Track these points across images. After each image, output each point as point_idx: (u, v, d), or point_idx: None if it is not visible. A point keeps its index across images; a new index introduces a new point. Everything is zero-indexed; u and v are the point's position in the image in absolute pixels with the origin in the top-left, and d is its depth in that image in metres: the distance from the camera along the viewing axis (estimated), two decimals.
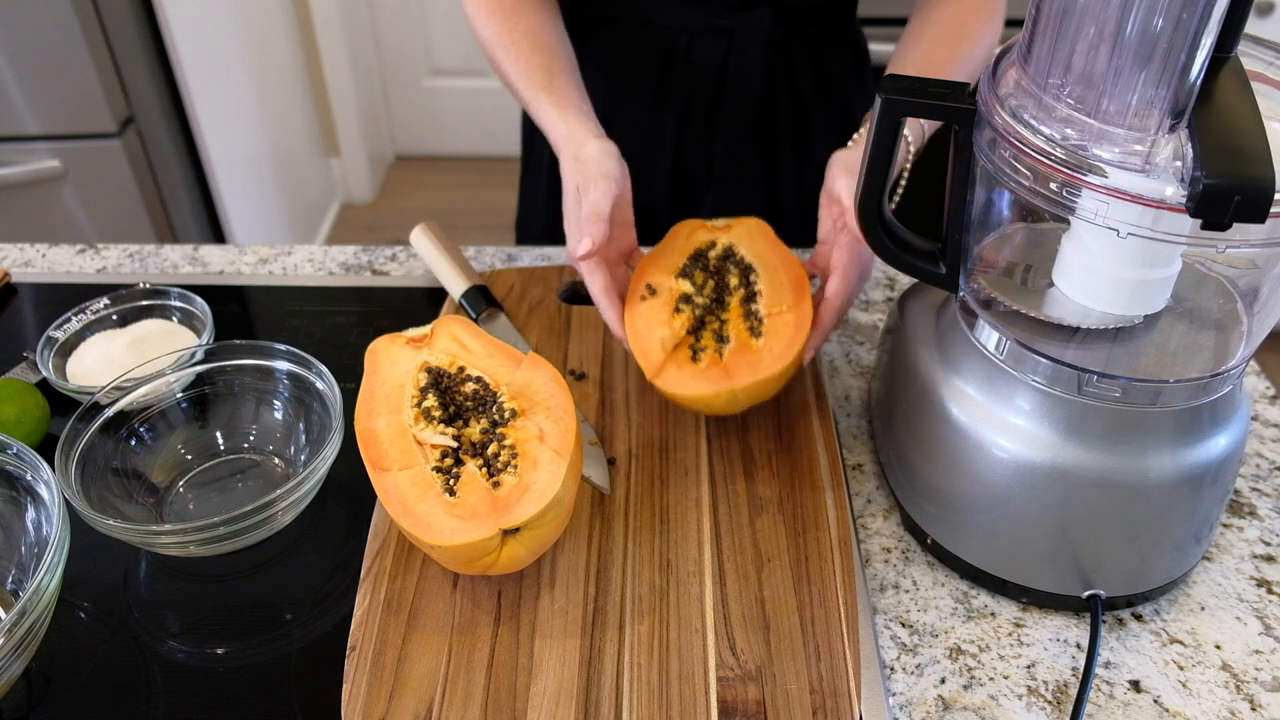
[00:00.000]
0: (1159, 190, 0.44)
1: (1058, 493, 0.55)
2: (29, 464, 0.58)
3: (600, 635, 0.56)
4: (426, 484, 0.56)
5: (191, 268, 0.92)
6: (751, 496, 0.64)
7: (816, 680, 0.54)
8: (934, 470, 0.60)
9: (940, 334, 0.61)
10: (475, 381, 0.63)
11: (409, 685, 0.54)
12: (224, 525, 0.57)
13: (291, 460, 0.69)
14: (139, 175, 1.72)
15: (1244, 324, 0.55)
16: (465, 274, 0.83)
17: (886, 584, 0.62)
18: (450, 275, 0.83)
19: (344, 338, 0.82)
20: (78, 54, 1.56)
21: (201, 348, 0.69)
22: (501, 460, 0.57)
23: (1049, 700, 0.55)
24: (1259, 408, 0.75)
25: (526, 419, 0.60)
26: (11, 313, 0.86)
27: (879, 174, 0.59)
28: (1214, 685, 0.56)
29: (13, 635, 0.50)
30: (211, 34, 1.92)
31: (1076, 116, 0.47)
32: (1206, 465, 0.54)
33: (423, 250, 0.87)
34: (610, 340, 0.78)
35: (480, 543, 0.53)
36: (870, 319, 0.84)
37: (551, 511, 0.55)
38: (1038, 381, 0.54)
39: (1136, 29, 0.43)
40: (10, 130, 1.63)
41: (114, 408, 0.66)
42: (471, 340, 0.66)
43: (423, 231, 0.87)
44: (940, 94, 0.55)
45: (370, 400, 0.62)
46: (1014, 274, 0.60)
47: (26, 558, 0.59)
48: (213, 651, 0.58)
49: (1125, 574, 0.58)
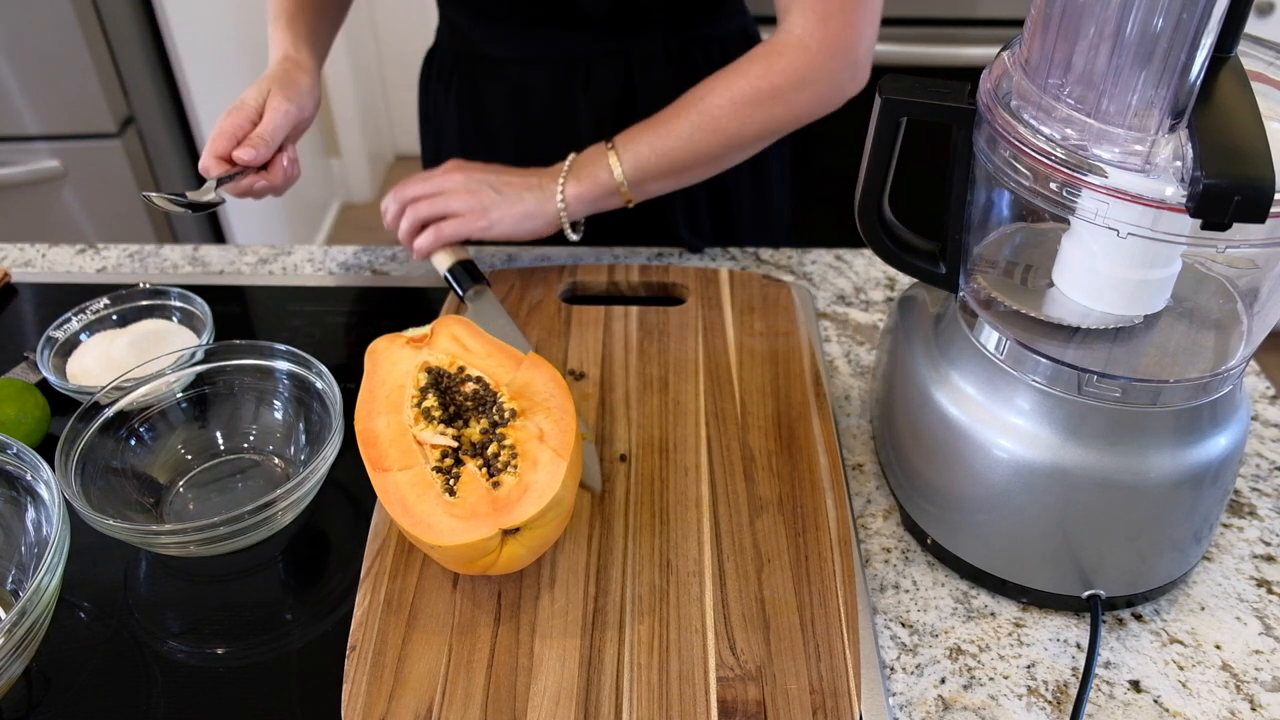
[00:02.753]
0: (1159, 190, 0.44)
1: (1058, 493, 0.55)
2: (29, 464, 0.58)
3: (600, 635, 0.56)
4: (426, 484, 0.56)
5: (191, 268, 0.92)
6: (751, 496, 0.64)
7: (816, 680, 0.54)
8: (934, 470, 0.60)
9: (940, 334, 0.61)
10: (475, 382, 0.63)
11: (409, 685, 0.54)
12: (224, 525, 0.57)
13: (291, 460, 0.69)
14: (139, 175, 1.72)
15: (1244, 324, 0.55)
16: (450, 249, 0.83)
17: (886, 584, 0.62)
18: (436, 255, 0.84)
19: (344, 338, 0.82)
20: (78, 54, 1.56)
21: (201, 348, 0.69)
22: (501, 460, 0.57)
23: (1049, 700, 0.55)
24: (1259, 408, 0.75)
25: (527, 419, 0.60)
26: (11, 313, 0.86)
27: (879, 174, 0.59)
28: (1214, 685, 0.56)
29: (13, 635, 0.50)
30: (211, 34, 1.92)
31: (1076, 116, 0.47)
32: (1206, 465, 0.54)
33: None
34: (610, 340, 0.78)
35: (480, 543, 0.53)
36: (870, 319, 0.84)
37: (551, 511, 0.55)
38: (1038, 381, 0.54)
39: (1136, 29, 0.43)
40: (10, 130, 1.63)
41: (114, 408, 0.66)
42: (471, 340, 0.66)
43: None
44: (940, 94, 0.55)
45: (370, 400, 0.62)
46: (1014, 274, 0.60)
47: (26, 558, 0.59)
48: (213, 651, 0.58)
49: (1125, 574, 0.58)
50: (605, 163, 0.81)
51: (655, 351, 0.77)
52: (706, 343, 0.77)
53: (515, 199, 0.80)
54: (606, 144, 0.82)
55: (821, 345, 0.81)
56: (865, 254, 0.91)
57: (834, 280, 0.88)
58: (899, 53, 1.68)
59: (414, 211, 0.81)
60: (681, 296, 0.83)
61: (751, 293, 0.82)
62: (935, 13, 1.71)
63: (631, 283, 0.84)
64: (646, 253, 0.92)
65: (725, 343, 0.77)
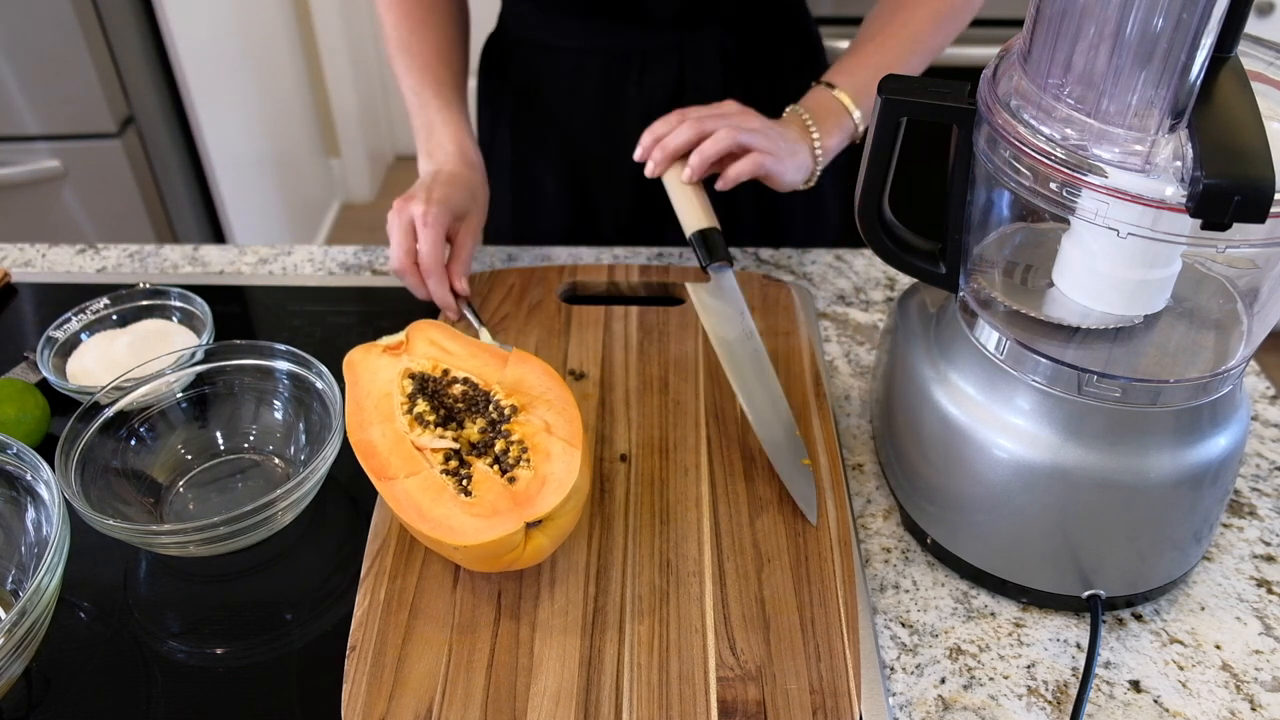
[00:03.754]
0: (1159, 190, 0.44)
1: (1058, 493, 0.55)
2: (29, 464, 0.58)
3: (600, 635, 0.56)
4: (439, 487, 0.56)
5: (191, 268, 0.92)
6: (751, 496, 0.64)
7: (816, 680, 0.54)
8: (934, 470, 0.60)
9: (940, 334, 0.61)
10: (463, 383, 0.63)
11: (409, 685, 0.54)
12: (224, 525, 0.57)
13: (291, 460, 0.69)
14: (139, 175, 1.72)
15: (1244, 324, 0.55)
16: (703, 208, 0.76)
17: (886, 584, 0.62)
18: (689, 211, 0.77)
19: (344, 338, 0.82)
20: (78, 54, 1.56)
21: (201, 348, 0.69)
22: (512, 456, 0.58)
23: (1049, 700, 0.55)
24: (1259, 408, 0.75)
25: (529, 414, 0.60)
26: (11, 313, 0.86)
27: (879, 174, 0.59)
28: (1214, 685, 0.56)
29: (13, 635, 0.50)
30: (211, 34, 1.92)
31: (1076, 116, 0.47)
32: (1206, 465, 0.54)
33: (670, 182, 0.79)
34: (610, 340, 0.78)
35: (506, 538, 0.53)
36: (870, 319, 0.84)
37: (572, 500, 0.56)
38: (1038, 381, 0.54)
39: (1136, 29, 0.43)
40: (10, 130, 1.63)
41: (114, 408, 0.65)
42: (449, 342, 0.66)
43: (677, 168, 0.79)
44: (940, 94, 0.55)
45: (358, 412, 0.62)
46: (1014, 274, 0.60)
47: (26, 558, 0.59)
48: (213, 651, 0.58)
49: (1125, 574, 0.58)
50: (842, 106, 0.80)
51: (655, 351, 0.77)
52: (706, 343, 0.77)
53: (794, 148, 0.77)
54: (828, 88, 0.81)
55: (821, 345, 0.81)
56: (865, 254, 0.91)
57: (834, 280, 0.88)
58: None
59: (711, 125, 0.74)
60: (681, 296, 0.83)
61: (751, 293, 0.82)
62: None
63: (631, 283, 0.84)
64: (647, 253, 0.92)
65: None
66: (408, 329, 0.68)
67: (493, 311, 0.81)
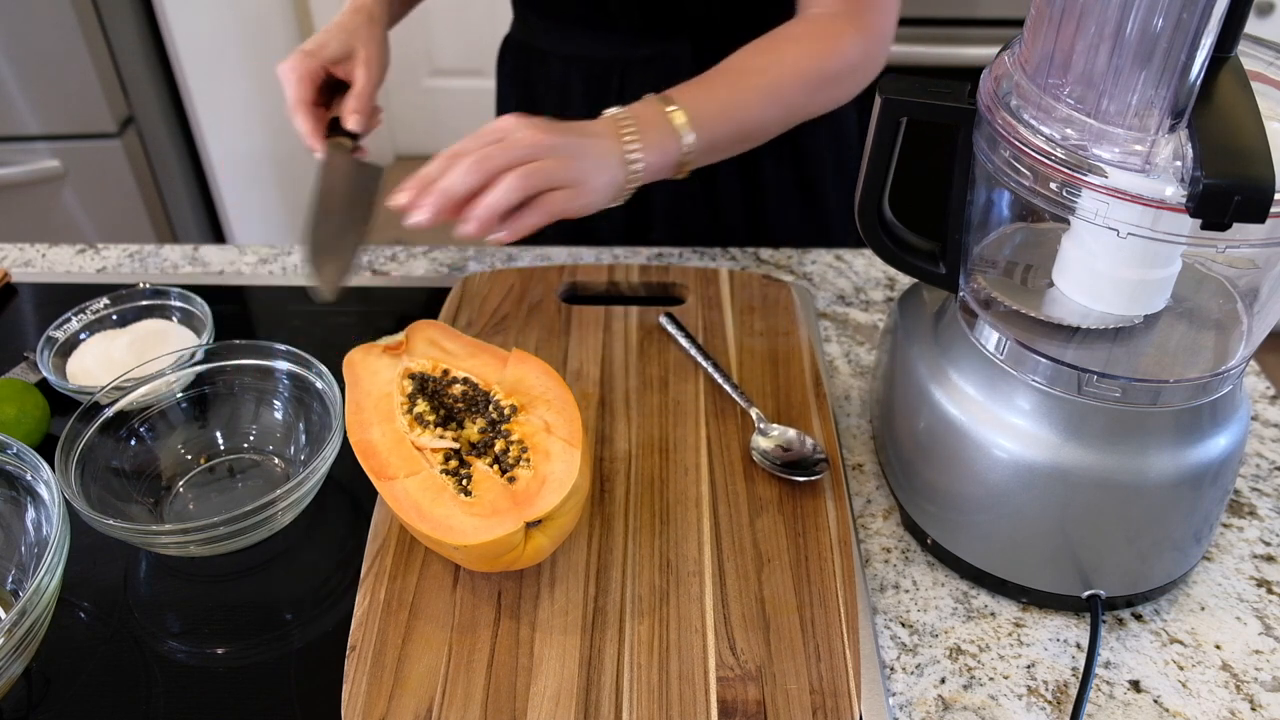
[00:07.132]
0: (1159, 190, 0.44)
1: (1058, 493, 0.55)
2: (29, 464, 0.58)
3: (600, 635, 0.56)
4: (439, 487, 0.56)
5: (191, 268, 0.92)
6: (751, 496, 0.64)
7: (816, 680, 0.54)
8: (934, 470, 0.60)
9: (940, 334, 0.61)
10: (463, 383, 0.63)
11: (409, 685, 0.54)
12: (224, 525, 0.57)
13: (291, 460, 0.69)
14: (139, 175, 1.72)
15: (1244, 324, 0.55)
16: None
17: (886, 584, 0.62)
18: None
19: (344, 338, 0.82)
20: (78, 54, 1.56)
21: (201, 348, 0.69)
22: (512, 456, 0.58)
23: (1049, 700, 0.55)
24: (1259, 408, 0.75)
25: (528, 413, 0.60)
26: (11, 313, 0.86)
27: (879, 174, 0.59)
28: (1214, 685, 0.56)
29: (13, 635, 0.50)
30: (211, 34, 1.92)
31: (1076, 116, 0.47)
32: (1206, 465, 0.54)
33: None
34: (610, 340, 0.78)
35: (506, 538, 0.53)
36: (870, 319, 0.84)
37: (572, 499, 0.56)
38: (1038, 381, 0.54)
39: (1136, 29, 0.43)
40: (10, 130, 1.63)
41: (114, 408, 0.65)
42: (449, 343, 0.66)
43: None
44: (940, 94, 0.55)
45: (358, 412, 0.62)
46: (1014, 274, 0.60)
47: (26, 558, 0.59)
48: (213, 651, 0.58)
49: (1125, 574, 0.58)
50: (672, 128, 0.71)
51: (655, 351, 0.77)
52: (706, 343, 0.77)
53: (598, 165, 0.69)
54: (664, 104, 0.72)
55: (821, 345, 0.81)
56: (865, 254, 0.91)
57: (834, 280, 0.88)
58: (899, 53, 1.68)
59: (493, 165, 0.65)
60: (681, 296, 0.83)
61: (751, 293, 0.82)
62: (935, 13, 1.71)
63: (631, 283, 0.84)
64: (647, 253, 0.92)
65: (725, 343, 0.77)
66: (408, 329, 0.68)
67: (493, 311, 0.81)
